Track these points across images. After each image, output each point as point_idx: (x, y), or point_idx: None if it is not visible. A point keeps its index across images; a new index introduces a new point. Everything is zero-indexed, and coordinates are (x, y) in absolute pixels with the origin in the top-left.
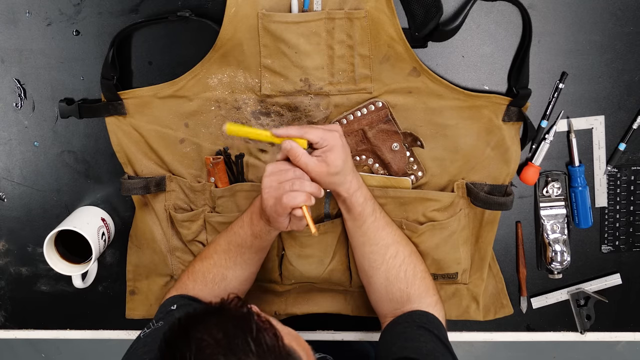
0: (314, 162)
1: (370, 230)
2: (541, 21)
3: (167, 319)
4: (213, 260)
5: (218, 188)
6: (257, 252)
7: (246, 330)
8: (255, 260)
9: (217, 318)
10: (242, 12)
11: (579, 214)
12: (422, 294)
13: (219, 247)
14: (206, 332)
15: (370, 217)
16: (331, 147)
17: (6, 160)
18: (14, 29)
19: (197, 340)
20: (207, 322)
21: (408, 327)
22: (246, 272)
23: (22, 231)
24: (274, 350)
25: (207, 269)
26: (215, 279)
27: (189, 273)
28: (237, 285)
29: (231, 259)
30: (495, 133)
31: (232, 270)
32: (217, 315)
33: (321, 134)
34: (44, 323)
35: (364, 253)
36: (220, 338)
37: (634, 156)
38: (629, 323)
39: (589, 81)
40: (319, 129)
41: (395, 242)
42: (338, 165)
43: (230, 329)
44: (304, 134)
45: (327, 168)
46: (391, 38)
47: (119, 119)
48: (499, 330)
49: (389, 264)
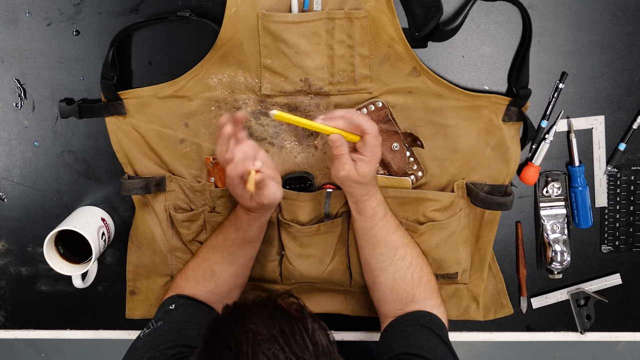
0: (350, 165)
1: (381, 233)
2: (541, 21)
3: (167, 318)
4: (202, 256)
5: (218, 188)
6: (241, 245)
7: (303, 328)
8: (241, 254)
9: (270, 311)
10: (242, 12)
11: (579, 214)
12: (427, 296)
13: (208, 242)
14: (261, 324)
15: (382, 220)
16: (370, 161)
17: (6, 160)
18: (14, 29)
19: (253, 332)
20: (260, 314)
21: (410, 326)
22: (234, 266)
23: (22, 231)
24: (328, 351)
25: (197, 265)
26: (205, 274)
27: (182, 272)
28: (227, 279)
29: (218, 253)
30: (495, 133)
31: (219, 264)
32: (269, 308)
33: (374, 141)
34: (44, 323)
35: (373, 254)
36: (277, 332)
37: (634, 156)
38: (629, 323)
39: (589, 81)
40: (375, 137)
41: (404, 245)
42: (367, 177)
43: (286, 325)
44: (365, 130)
45: (357, 177)
46: (391, 38)
47: (119, 119)
48: (499, 330)
49: (397, 265)
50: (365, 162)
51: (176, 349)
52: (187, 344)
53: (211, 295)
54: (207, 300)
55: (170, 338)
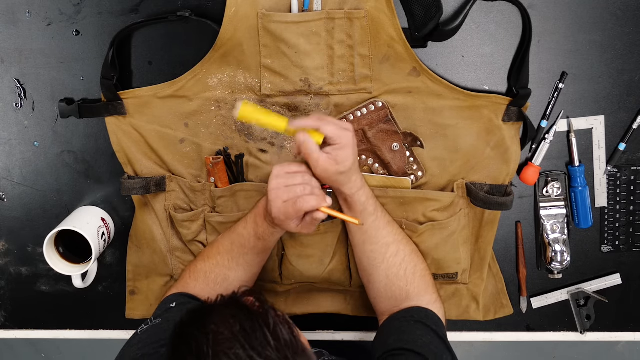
0: (324, 158)
1: (371, 229)
2: (541, 21)
3: (166, 316)
4: (216, 261)
5: (218, 188)
6: (259, 253)
7: (263, 324)
8: (257, 261)
9: (232, 310)
10: (242, 12)
11: (579, 214)
12: (422, 292)
13: (222, 247)
14: (222, 324)
15: (371, 216)
16: (343, 146)
17: (6, 160)
18: (14, 29)
19: (214, 333)
20: (222, 314)
21: (405, 322)
22: (248, 273)
23: (22, 231)
24: (291, 344)
25: (209, 268)
26: (217, 279)
27: (191, 272)
28: (237, 285)
29: (234, 260)
30: (495, 133)
31: (234, 271)
32: (231, 307)
33: (336, 130)
34: (44, 323)
35: (365, 251)
36: (237, 331)
37: (634, 156)
38: (629, 323)
39: (589, 81)
40: (335, 125)
41: (396, 241)
42: (347, 165)
43: (247, 322)
44: (320, 127)
45: (337, 167)
46: (391, 38)
47: (119, 119)
48: (499, 330)
49: (389, 262)
50: (339, 149)
51: None
52: None
53: None
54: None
55: (165, 336)
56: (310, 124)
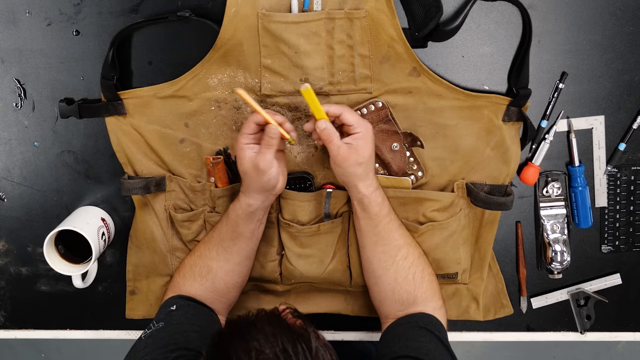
0: (345, 147)
1: (384, 231)
2: (541, 21)
3: (168, 320)
4: (198, 252)
5: (218, 188)
6: (233, 239)
7: (306, 347)
8: (235, 250)
9: (274, 328)
10: (242, 12)
11: (579, 214)
12: (428, 298)
13: (203, 239)
14: (265, 343)
15: (385, 217)
16: (363, 135)
17: (6, 160)
18: (14, 29)
19: (256, 351)
20: (264, 332)
21: (410, 328)
22: (229, 263)
23: (22, 231)
24: None
25: (193, 261)
26: (202, 271)
27: (179, 270)
28: (223, 277)
29: (213, 248)
30: (495, 133)
31: (215, 260)
32: (274, 324)
33: (357, 119)
34: (44, 323)
35: (376, 253)
36: (279, 352)
37: (634, 156)
38: (629, 323)
39: (589, 81)
40: (356, 115)
41: (407, 244)
42: (365, 155)
43: (290, 343)
44: (342, 113)
45: (356, 156)
46: (391, 38)
47: (119, 119)
48: (499, 330)
49: (399, 265)
50: (359, 138)
51: (177, 352)
52: (188, 347)
53: (209, 293)
54: (206, 299)
55: (172, 340)
56: (332, 110)
